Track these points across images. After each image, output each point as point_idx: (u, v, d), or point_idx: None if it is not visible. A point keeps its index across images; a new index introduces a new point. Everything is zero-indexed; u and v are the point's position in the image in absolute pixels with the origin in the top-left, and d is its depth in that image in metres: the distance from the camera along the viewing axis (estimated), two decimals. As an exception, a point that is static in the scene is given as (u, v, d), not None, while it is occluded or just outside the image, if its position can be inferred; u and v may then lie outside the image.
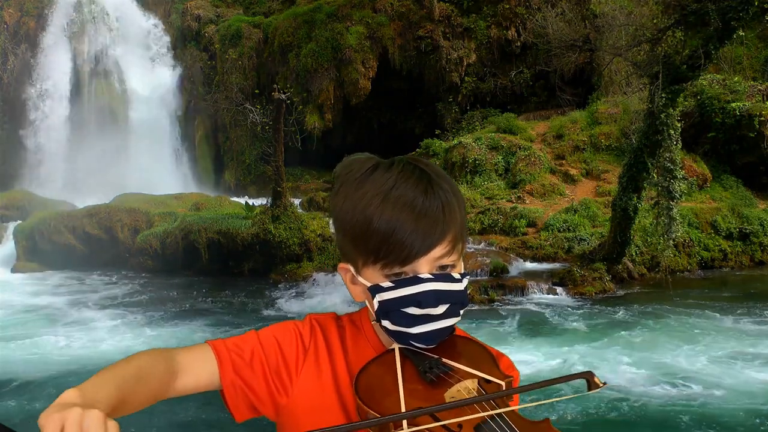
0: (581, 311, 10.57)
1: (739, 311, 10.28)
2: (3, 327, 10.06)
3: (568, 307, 10.89)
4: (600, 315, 10.28)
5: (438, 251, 1.04)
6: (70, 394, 0.87)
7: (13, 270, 14.66)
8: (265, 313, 11.12)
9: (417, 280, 1.04)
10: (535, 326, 9.83)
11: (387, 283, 1.06)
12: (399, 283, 1.05)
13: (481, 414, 0.96)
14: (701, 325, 9.60)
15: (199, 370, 1.06)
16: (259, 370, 1.09)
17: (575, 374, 1.01)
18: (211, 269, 13.94)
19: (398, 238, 1.02)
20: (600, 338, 8.99)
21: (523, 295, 11.57)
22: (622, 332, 9.24)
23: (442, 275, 1.06)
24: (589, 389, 0.99)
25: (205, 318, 10.79)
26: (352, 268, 1.12)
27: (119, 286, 13.29)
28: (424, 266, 1.04)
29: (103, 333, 9.83)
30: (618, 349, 8.47)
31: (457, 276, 1.07)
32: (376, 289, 1.07)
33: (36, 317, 10.74)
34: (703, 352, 8.35)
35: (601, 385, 0.98)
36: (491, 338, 8.79)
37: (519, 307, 10.99)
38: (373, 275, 1.08)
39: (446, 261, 1.06)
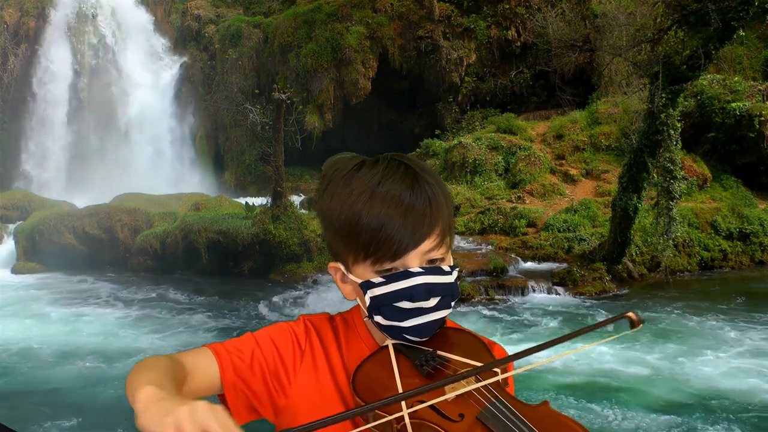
0: (581, 311, 10.58)
1: (739, 311, 10.28)
2: (3, 327, 10.07)
3: (569, 307, 10.89)
4: (600, 315, 10.28)
5: (427, 245, 1.05)
6: (153, 392, 0.85)
7: (14, 270, 14.66)
8: (265, 313, 11.12)
9: (408, 274, 1.05)
10: (535, 326, 9.84)
11: (378, 279, 1.06)
12: (390, 278, 1.05)
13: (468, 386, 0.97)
14: (701, 325, 9.60)
15: (201, 372, 1.06)
16: (258, 371, 1.09)
17: (617, 316, 1.11)
18: (211, 269, 13.94)
19: (388, 233, 1.02)
20: (599, 338, 8.99)
21: (523, 295, 11.58)
22: (622, 332, 9.24)
23: (433, 268, 1.07)
24: (632, 328, 1.08)
25: (205, 318, 10.78)
26: (342, 267, 1.13)
27: (119, 286, 13.28)
28: (414, 260, 1.05)
29: (102, 333, 9.83)
30: (617, 349, 8.47)
31: (446, 269, 1.09)
32: (367, 285, 1.07)
33: (36, 317, 10.73)
34: (703, 353, 8.36)
35: (642, 323, 1.07)
36: (491, 338, 8.77)
37: (519, 307, 10.99)
38: (363, 272, 1.08)
39: (435, 254, 1.07)
